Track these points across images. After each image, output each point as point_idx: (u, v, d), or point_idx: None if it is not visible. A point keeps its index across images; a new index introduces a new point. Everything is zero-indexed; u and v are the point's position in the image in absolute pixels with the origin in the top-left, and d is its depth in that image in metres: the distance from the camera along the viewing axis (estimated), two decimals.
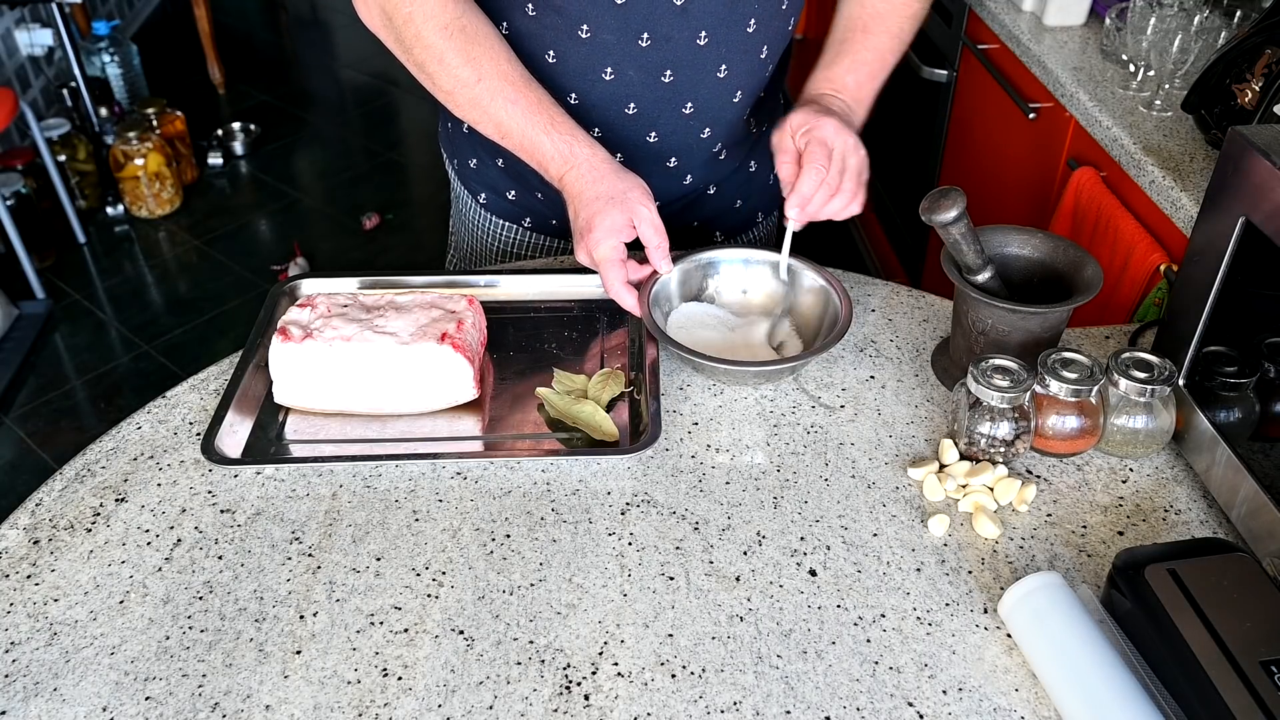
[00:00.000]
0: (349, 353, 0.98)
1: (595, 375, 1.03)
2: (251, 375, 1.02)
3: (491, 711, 0.75)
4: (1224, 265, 0.87)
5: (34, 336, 2.77)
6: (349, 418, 1.01)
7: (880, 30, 1.15)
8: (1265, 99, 1.31)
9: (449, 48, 1.03)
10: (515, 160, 1.21)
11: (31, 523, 0.90)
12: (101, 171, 3.29)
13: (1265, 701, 0.67)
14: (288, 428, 1.00)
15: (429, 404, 1.01)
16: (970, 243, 0.97)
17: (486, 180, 1.28)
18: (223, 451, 0.94)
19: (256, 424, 0.99)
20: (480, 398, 1.02)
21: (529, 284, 1.16)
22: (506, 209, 1.29)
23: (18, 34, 3.37)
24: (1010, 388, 0.89)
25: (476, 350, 1.02)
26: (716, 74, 1.13)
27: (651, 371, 1.01)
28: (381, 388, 0.99)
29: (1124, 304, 1.52)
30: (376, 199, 3.43)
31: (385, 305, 1.03)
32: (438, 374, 0.99)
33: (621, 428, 0.99)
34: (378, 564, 0.86)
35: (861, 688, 0.76)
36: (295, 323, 1.00)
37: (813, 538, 0.88)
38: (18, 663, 0.78)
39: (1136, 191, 1.50)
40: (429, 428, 1.00)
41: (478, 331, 1.04)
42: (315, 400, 1.00)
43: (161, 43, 4.35)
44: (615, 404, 1.02)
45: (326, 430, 1.00)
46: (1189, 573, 0.75)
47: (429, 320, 1.01)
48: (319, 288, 1.14)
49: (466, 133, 1.26)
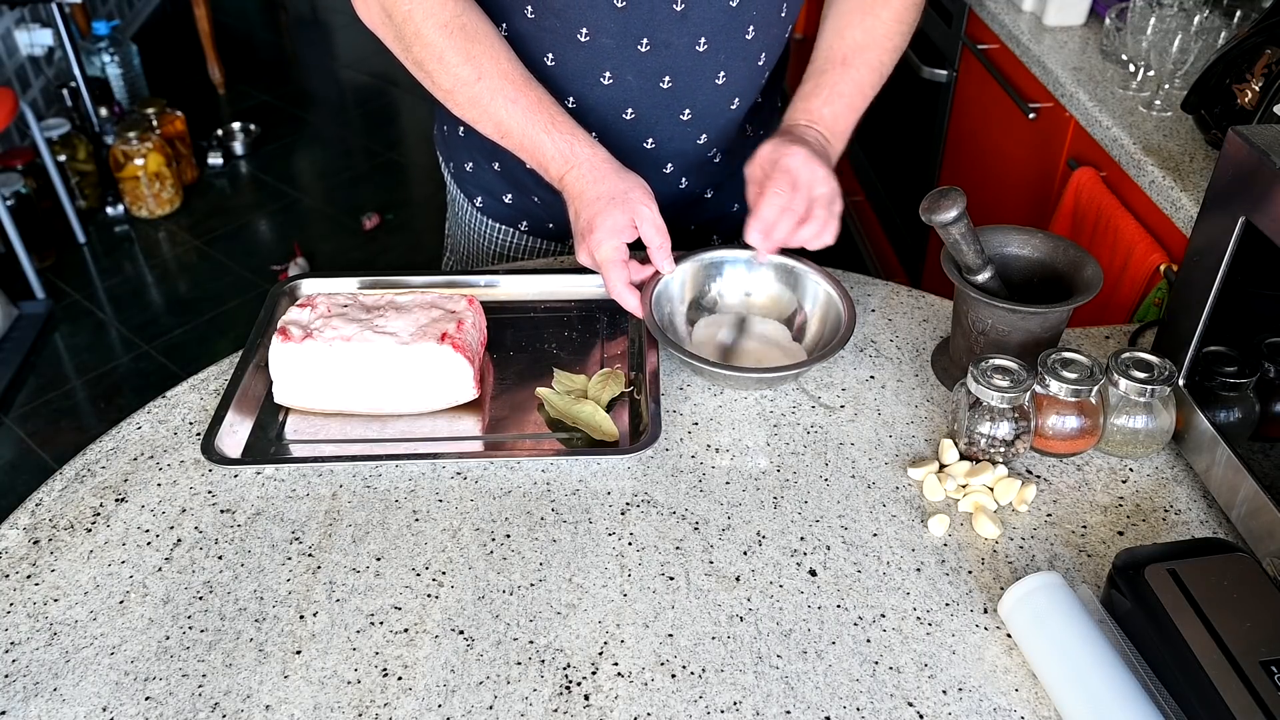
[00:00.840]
0: (349, 353, 0.98)
1: (595, 375, 1.03)
2: (251, 375, 1.02)
3: (491, 711, 0.75)
4: (1224, 265, 0.87)
5: (34, 336, 2.77)
6: (349, 418, 1.01)
7: (860, 63, 1.14)
8: (1265, 99, 1.31)
9: (449, 46, 1.03)
10: (511, 164, 1.20)
11: (31, 523, 0.90)
12: (101, 171, 3.29)
13: (1265, 701, 0.67)
14: (288, 428, 1.00)
15: (429, 404, 1.01)
16: (970, 243, 0.97)
17: (483, 184, 1.28)
18: (223, 451, 0.94)
19: (256, 424, 0.99)
20: (480, 398, 1.02)
21: (529, 284, 1.16)
22: (503, 212, 1.29)
23: (18, 34, 3.37)
24: (1010, 388, 0.89)
25: (476, 350, 1.02)
26: (715, 80, 1.13)
27: (651, 372, 1.01)
28: (381, 388, 0.99)
29: (1124, 304, 1.52)
30: (376, 199, 3.43)
31: (385, 305, 1.03)
32: (438, 374, 0.99)
33: (621, 428, 0.99)
34: (378, 564, 0.86)
35: (861, 688, 0.76)
36: (295, 323, 1.00)
37: (813, 538, 0.88)
38: (18, 663, 0.78)
39: (1136, 191, 1.50)
40: (429, 428, 1.00)
41: (478, 331, 1.04)
42: (315, 400, 1.00)
43: (161, 43, 4.35)
44: (615, 404, 1.02)
45: (326, 430, 1.00)
46: (1189, 573, 0.75)
47: (429, 320, 1.01)
48: (319, 288, 1.14)
49: (463, 135, 1.25)
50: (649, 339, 1.04)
